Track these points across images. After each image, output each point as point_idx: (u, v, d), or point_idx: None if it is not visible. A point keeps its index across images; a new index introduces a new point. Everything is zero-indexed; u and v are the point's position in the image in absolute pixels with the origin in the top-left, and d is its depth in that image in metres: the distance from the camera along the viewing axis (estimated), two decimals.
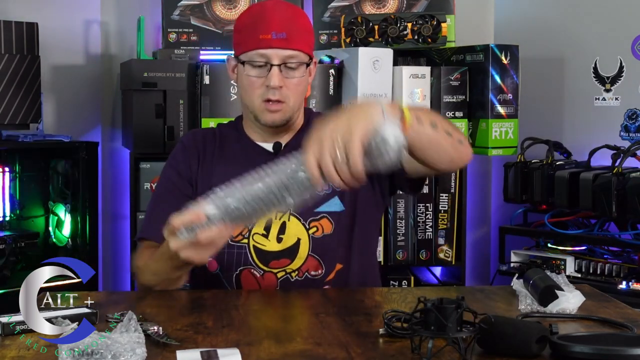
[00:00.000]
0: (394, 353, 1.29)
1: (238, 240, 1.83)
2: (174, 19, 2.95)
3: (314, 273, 1.83)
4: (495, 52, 2.82)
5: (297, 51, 1.79)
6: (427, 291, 1.95)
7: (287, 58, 1.78)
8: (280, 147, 1.86)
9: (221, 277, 1.85)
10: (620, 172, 2.60)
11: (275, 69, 1.77)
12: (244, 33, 1.82)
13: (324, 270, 1.83)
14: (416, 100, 2.79)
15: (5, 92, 2.75)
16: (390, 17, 2.86)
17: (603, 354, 1.22)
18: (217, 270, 1.85)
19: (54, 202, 2.99)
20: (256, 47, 1.78)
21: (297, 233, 1.83)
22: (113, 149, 3.22)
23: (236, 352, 1.24)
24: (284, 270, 1.82)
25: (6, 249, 2.71)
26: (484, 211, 3.41)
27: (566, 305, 1.53)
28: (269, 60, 1.78)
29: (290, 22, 1.80)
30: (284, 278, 1.82)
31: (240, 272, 1.83)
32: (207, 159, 1.89)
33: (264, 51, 1.78)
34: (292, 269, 1.82)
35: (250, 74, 1.80)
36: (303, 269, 1.82)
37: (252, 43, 1.79)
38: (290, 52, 1.78)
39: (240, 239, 1.83)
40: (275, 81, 1.77)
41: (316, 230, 1.83)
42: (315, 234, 1.83)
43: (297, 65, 1.79)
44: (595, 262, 2.71)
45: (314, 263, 1.83)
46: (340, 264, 1.85)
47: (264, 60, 1.78)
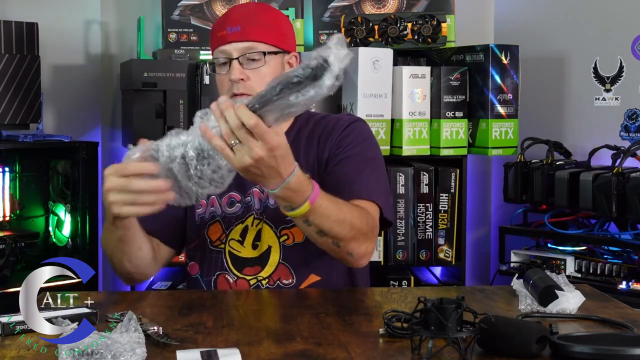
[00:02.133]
0: (394, 353, 1.29)
1: (217, 246, 1.84)
2: (174, 19, 2.95)
3: (285, 282, 1.82)
4: (495, 52, 2.82)
5: (255, 42, 1.80)
6: (427, 291, 1.95)
7: (244, 50, 1.80)
8: None
9: (201, 281, 1.86)
10: (620, 172, 2.60)
11: (235, 62, 1.79)
12: (211, 38, 1.87)
13: (294, 279, 1.82)
14: (416, 100, 2.79)
15: (5, 92, 2.75)
16: (390, 17, 2.86)
17: (603, 354, 1.22)
18: (197, 275, 1.86)
19: (54, 202, 2.99)
20: (217, 46, 1.83)
21: (269, 240, 1.82)
22: (113, 149, 3.22)
23: (236, 352, 1.24)
24: (255, 278, 1.82)
25: (6, 249, 2.70)
26: (484, 211, 3.41)
27: (566, 305, 1.53)
28: (229, 55, 1.81)
29: (247, 16, 1.82)
30: (255, 285, 1.82)
31: (217, 277, 1.84)
32: None
33: (223, 47, 1.81)
34: (263, 276, 1.82)
35: (218, 73, 1.84)
36: (274, 277, 1.81)
37: (214, 43, 1.84)
38: (247, 43, 1.80)
39: (219, 244, 1.84)
40: (235, 74, 1.78)
41: (287, 238, 1.82)
42: (286, 242, 1.82)
43: (258, 55, 1.80)
44: (595, 262, 2.71)
45: (284, 271, 1.81)
46: (316, 275, 1.83)
47: (224, 56, 1.81)
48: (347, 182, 1.76)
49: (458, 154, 2.85)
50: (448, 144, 2.83)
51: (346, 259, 1.71)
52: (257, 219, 1.82)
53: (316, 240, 1.66)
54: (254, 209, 1.82)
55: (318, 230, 1.61)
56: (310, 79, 1.35)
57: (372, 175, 1.81)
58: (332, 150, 1.83)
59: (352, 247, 1.68)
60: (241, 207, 1.84)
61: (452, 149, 2.84)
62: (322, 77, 1.35)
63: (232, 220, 1.84)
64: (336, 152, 1.82)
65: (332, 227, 1.61)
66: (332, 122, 1.88)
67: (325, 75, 1.35)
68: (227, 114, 1.40)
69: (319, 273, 1.83)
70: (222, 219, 1.85)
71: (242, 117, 1.39)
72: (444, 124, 2.82)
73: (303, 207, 1.54)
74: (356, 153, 1.82)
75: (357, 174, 1.78)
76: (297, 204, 1.54)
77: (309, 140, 1.86)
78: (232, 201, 1.84)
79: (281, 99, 1.37)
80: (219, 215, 1.85)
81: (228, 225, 1.84)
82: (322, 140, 1.85)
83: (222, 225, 1.85)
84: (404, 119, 2.79)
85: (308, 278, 1.82)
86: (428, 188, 2.84)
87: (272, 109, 1.39)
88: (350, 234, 1.64)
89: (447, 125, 2.82)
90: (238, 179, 1.75)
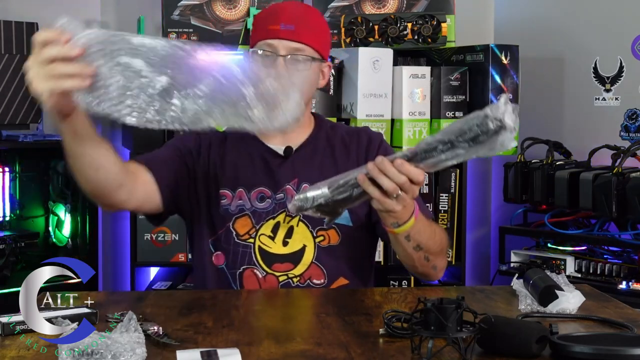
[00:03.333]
0: (394, 353, 1.29)
1: (245, 239, 1.83)
2: (174, 19, 2.95)
3: (316, 281, 1.83)
4: (495, 52, 2.82)
5: (305, 45, 1.80)
6: (427, 291, 1.95)
7: (293, 50, 1.79)
8: (291, 151, 1.86)
9: (226, 272, 1.85)
10: (620, 172, 2.60)
11: (280, 60, 1.78)
12: (256, 27, 1.85)
13: (326, 279, 1.83)
14: (416, 100, 2.79)
15: (5, 92, 2.75)
16: (390, 17, 2.86)
17: (603, 354, 1.22)
18: (223, 265, 1.85)
19: (54, 202, 2.99)
20: (264, 38, 1.81)
21: (304, 239, 1.83)
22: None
23: (236, 352, 1.24)
24: (286, 275, 1.82)
25: (6, 249, 2.71)
26: (484, 211, 3.41)
27: (566, 305, 1.53)
28: (276, 51, 1.79)
29: (301, 16, 1.82)
30: (285, 282, 1.82)
31: (244, 271, 1.83)
32: (214, 155, 1.88)
33: (271, 41, 1.80)
34: (295, 274, 1.82)
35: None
36: (305, 276, 1.82)
37: (261, 34, 1.82)
38: (297, 44, 1.79)
39: (247, 238, 1.83)
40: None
41: (323, 239, 1.83)
42: (321, 243, 1.83)
43: (304, 59, 1.80)
44: (595, 262, 2.71)
45: (317, 271, 1.82)
46: (345, 279, 1.84)
47: (270, 50, 1.80)
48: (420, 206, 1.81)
49: None
50: None
51: (430, 273, 1.80)
52: (288, 216, 1.83)
53: (412, 256, 1.72)
54: (286, 206, 1.82)
55: (416, 245, 1.69)
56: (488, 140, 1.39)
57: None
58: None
59: (437, 262, 1.78)
60: (271, 202, 1.84)
61: None
62: (499, 136, 1.39)
63: (263, 216, 1.84)
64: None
65: (427, 242, 1.71)
66: (364, 135, 1.93)
67: (502, 135, 1.39)
68: (390, 171, 1.47)
69: (347, 277, 1.85)
70: (251, 213, 1.84)
71: (410, 175, 1.47)
72: (444, 124, 2.82)
73: (409, 222, 1.61)
74: None
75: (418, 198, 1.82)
76: (404, 219, 1.60)
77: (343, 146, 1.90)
78: (262, 196, 1.84)
79: (447, 157, 1.42)
80: (247, 209, 1.84)
81: (258, 220, 1.84)
82: (361, 148, 1.90)
83: (251, 219, 1.84)
84: (404, 119, 2.79)
85: (337, 280, 1.84)
86: (428, 188, 2.84)
87: (432, 164, 1.45)
88: (438, 249, 1.76)
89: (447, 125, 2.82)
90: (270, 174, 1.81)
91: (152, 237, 2.77)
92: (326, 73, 1.89)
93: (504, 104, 1.39)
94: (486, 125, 1.38)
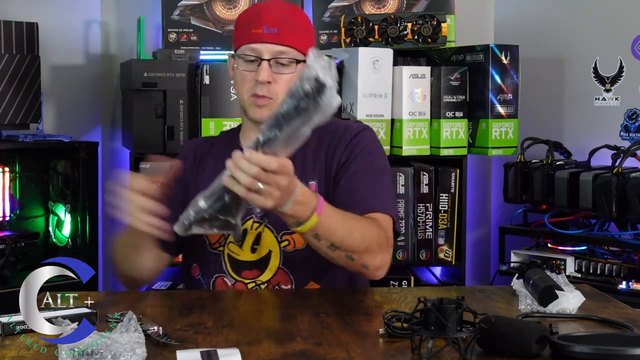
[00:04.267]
0: (394, 353, 1.29)
1: (215, 248, 1.83)
2: (174, 19, 2.95)
3: (284, 287, 1.80)
4: (495, 52, 2.82)
5: (289, 47, 1.79)
6: (427, 291, 1.95)
7: (277, 53, 1.78)
8: None
9: (202, 283, 1.86)
10: (620, 172, 2.60)
11: (265, 64, 1.77)
12: (239, 29, 1.84)
13: (293, 285, 1.81)
14: (416, 100, 2.79)
15: (5, 92, 2.75)
16: (390, 17, 2.86)
17: (603, 354, 1.22)
18: (199, 276, 1.86)
19: (54, 202, 2.99)
20: (248, 42, 1.80)
21: (269, 245, 1.81)
22: (113, 149, 3.22)
23: (236, 352, 1.24)
24: (254, 281, 1.81)
25: (6, 249, 2.70)
26: (484, 211, 3.41)
27: (566, 305, 1.53)
28: (260, 55, 1.78)
29: (284, 19, 1.80)
30: (254, 289, 1.81)
31: (216, 279, 1.83)
32: (200, 165, 1.89)
33: (255, 45, 1.79)
34: (262, 280, 1.81)
35: (241, 68, 1.81)
36: (273, 282, 1.80)
37: (245, 38, 1.81)
38: (281, 47, 1.78)
39: (217, 247, 1.83)
40: (264, 76, 1.76)
41: (288, 243, 1.80)
42: (286, 248, 1.80)
43: (289, 61, 1.79)
44: (595, 262, 2.71)
45: (284, 277, 1.80)
46: (316, 283, 1.81)
47: (254, 54, 1.79)
48: (361, 196, 1.76)
49: (458, 154, 2.85)
50: (448, 144, 2.83)
51: (362, 272, 1.71)
52: (256, 222, 1.81)
53: (330, 255, 1.64)
54: (254, 212, 1.80)
55: (329, 245, 1.61)
56: (312, 104, 1.34)
57: (384, 187, 1.82)
58: (342, 159, 1.82)
59: (366, 260, 1.67)
60: None
61: (452, 149, 2.84)
62: (322, 97, 1.34)
63: None
64: (346, 161, 1.81)
65: (342, 240, 1.61)
66: (341, 129, 1.87)
67: (324, 94, 1.34)
68: (242, 165, 1.40)
69: (319, 281, 1.81)
70: None
71: (261, 164, 1.39)
72: (444, 124, 2.82)
73: (311, 220, 1.54)
74: (367, 164, 1.81)
75: (370, 187, 1.78)
76: (304, 217, 1.53)
77: (317, 145, 1.83)
78: None
79: (288, 133, 1.37)
80: None
81: None
82: (330, 147, 1.84)
83: None
84: (404, 119, 2.79)
85: (307, 285, 1.81)
86: (428, 188, 2.84)
87: (281, 144, 1.39)
88: (362, 246, 1.64)
89: (447, 125, 2.82)
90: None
91: None
92: None
93: (315, 61, 1.34)
94: (304, 89, 1.34)
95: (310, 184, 1.80)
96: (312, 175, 1.81)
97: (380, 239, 1.68)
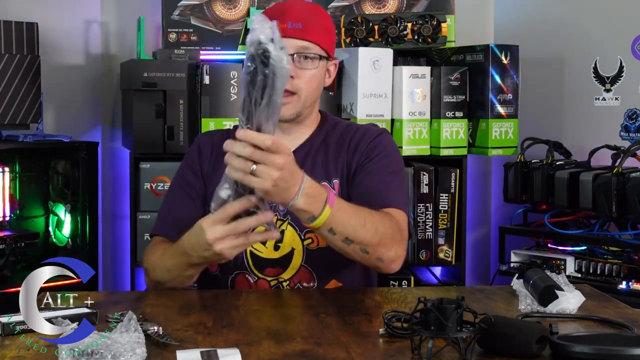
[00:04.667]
0: (394, 353, 1.29)
1: None
2: (174, 19, 2.95)
3: (306, 285, 1.81)
4: (495, 52, 2.82)
5: (313, 43, 1.79)
6: (427, 291, 1.95)
7: (301, 48, 1.79)
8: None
9: (220, 279, 1.85)
10: (620, 172, 2.60)
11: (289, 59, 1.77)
12: None
13: (316, 283, 1.81)
14: (416, 100, 2.79)
15: (5, 92, 2.75)
16: (390, 17, 2.86)
17: (603, 354, 1.22)
18: (217, 272, 1.85)
19: (54, 202, 2.99)
20: None
21: (292, 243, 1.81)
22: (113, 149, 3.22)
23: (236, 352, 1.24)
24: (276, 279, 1.82)
25: (6, 249, 2.70)
26: (484, 211, 3.41)
27: (566, 305, 1.53)
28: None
29: (308, 15, 1.81)
30: (275, 286, 1.81)
31: (236, 276, 1.83)
32: (218, 160, 1.88)
33: None
34: (284, 278, 1.81)
35: None
36: (295, 280, 1.81)
37: None
38: (305, 42, 1.79)
39: None
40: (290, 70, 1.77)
41: (311, 241, 1.81)
42: (310, 246, 1.81)
43: (313, 57, 1.79)
44: (595, 262, 2.71)
45: (306, 275, 1.81)
46: (338, 281, 1.83)
47: None
48: (377, 193, 1.77)
49: (458, 154, 2.86)
50: (448, 144, 2.83)
51: (377, 265, 1.71)
52: (280, 220, 1.81)
53: (345, 250, 1.64)
54: (277, 210, 1.80)
55: (344, 238, 1.61)
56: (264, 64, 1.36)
57: (398, 187, 1.83)
58: (361, 159, 1.84)
59: (381, 252, 1.67)
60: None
61: (452, 149, 2.84)
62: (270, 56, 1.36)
63: None
64: (364, 161, 1.84)
65: (356, 233, 1.61)
66: (361, 131, 1.89)
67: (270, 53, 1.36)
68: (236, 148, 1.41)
69: (340, 279, 1.83)
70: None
71: (254, 141, 1.40)
72: (444, 124, 2.82)
73: (324, 213, 1.54)
74: (383, 165, 1.83)
75: (384, 186, 1.80)
76: (318, 210, 1.54)
77: (338, 145, 1.87)
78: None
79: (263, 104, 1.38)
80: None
81: None
82: (350, 148, 1.86)
83: None
84: (404, 119, 2.79)
85: (329, 283, 1.82)
86: (428, 188, 2.84)
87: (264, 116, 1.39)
88: (376, 238, 1.64)
89: (447, 125, 2.82)
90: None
91: None
92: (332, 72, 1.89)
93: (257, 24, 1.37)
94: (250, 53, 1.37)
95: (334, 182, 1.83)
96: (335, 174, 1.84)
97: (393, 232, 1.69)
